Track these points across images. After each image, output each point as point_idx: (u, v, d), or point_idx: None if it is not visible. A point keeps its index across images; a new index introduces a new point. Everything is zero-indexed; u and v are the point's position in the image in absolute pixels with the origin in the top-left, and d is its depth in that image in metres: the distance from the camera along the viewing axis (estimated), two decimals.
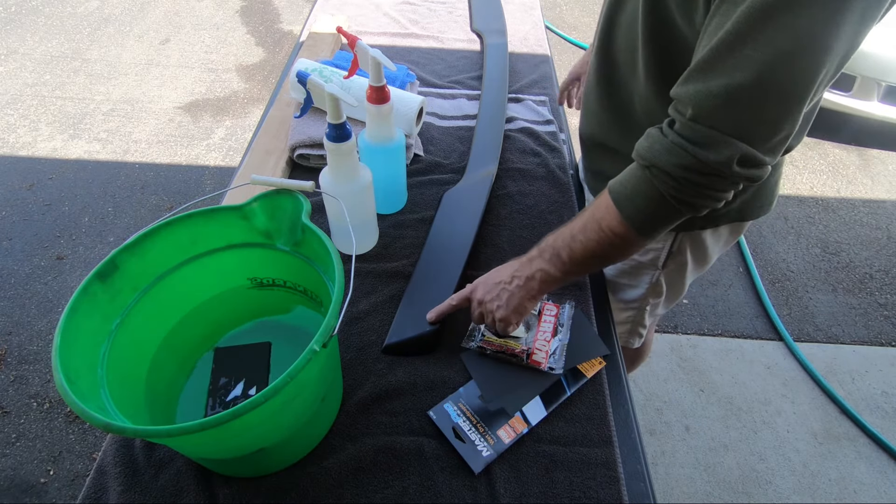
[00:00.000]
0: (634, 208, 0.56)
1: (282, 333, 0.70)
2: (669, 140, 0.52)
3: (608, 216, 0.57)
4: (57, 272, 1.79)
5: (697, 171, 0.51)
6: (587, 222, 0.60)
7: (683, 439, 1.47)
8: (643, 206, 0.55)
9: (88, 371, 0.50)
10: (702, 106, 0.49)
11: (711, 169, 0.50)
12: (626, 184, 0.57)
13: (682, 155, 0.51)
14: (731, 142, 0.49)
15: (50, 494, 1.31)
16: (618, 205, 0.57)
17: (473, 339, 0.71)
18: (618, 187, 0.57)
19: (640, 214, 0.56)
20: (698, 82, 0.49)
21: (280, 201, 0.61)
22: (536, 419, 0.64)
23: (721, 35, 0.47)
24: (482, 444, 0.61)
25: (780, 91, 0.47)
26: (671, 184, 0.52)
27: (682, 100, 0.51)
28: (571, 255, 0.61)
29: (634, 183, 0.56)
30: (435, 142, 1.03)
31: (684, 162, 0.51)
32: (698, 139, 0.50)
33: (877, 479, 1.41)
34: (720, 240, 0.82)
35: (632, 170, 0.57)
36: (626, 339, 1.01)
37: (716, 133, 0.49)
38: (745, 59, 0.46)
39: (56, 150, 2.21)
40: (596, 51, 0.74)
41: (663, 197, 0.54)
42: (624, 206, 0.56)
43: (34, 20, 2.98)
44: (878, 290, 1.88)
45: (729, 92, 0.47)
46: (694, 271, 0.87)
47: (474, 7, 1.41)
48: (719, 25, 0.47)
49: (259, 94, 2.56)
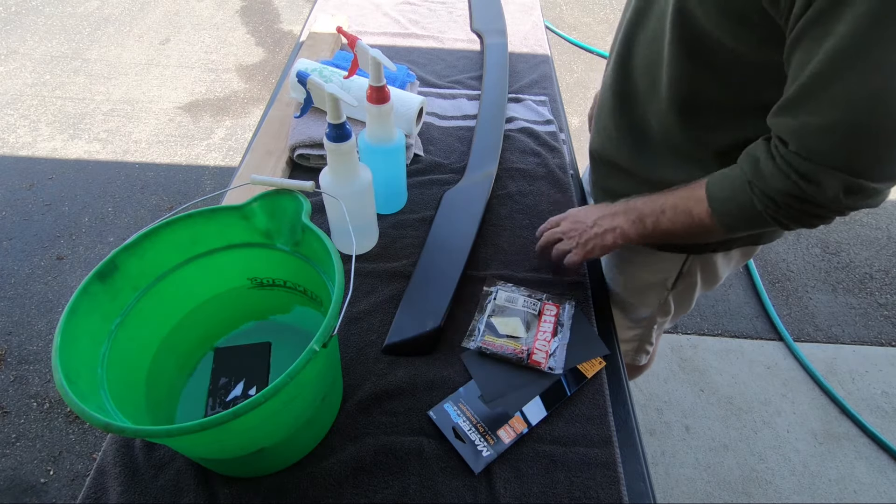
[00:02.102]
0: (727, 212, 0.57)
1: (282, 333, 0.70)
2: (777, 164, 0.52)
3: (699, 208, 0.59)
4: (57, 272, 1.79)
5: (801, 199, 0.51)
6: (678, 204, 0.62)
7: (683, 439, 1.47)
8: (736, 212, 0.57)
9: (88, 371, 0.50)
10: (803, 140, 0.49)
11: (817, 202, 0.50)
12: (724, 187, 0.57)
13: (788, 184, 0.51)
14: (839, 176, 0.48)
15: (50, 494, 1.31)
16: (711, 204, 0.58)
17: (473, 339, 0.71)
18: (716, 188, 0.58)
19: (730, 218, 0.58)
20: (796, 115, 0.49)
21: (280, 201, 0.61)
22: (536, 419, 0.64)
23: (813, 68, 0.46)
24: (482, 445, 0.61)
25: (882, 126, 0.46)
26: (770, 205, 0.53)
27: (780, 131, 0.51)
28: (655, 227, 0.64)
29: (733, 190, 0.56)
30: (435, 142, 1.03)
31: (789, 190, 0.51)
32: (805, 173, 0.50)
33: (877, 479, 1.41)
34: (731, 262, 0.82)
35: (735, 175, 0.57)
36: (633, 357, 1.01)
37: (822, 168, 0.49)
38: (842, 94, 0.45)
39: (56, 150, 2.21)
40: (613, 66, 0.73)
41: (758, 211, 0.55)
42: (717, 207, 0.58)
43: (34, 20, 2.98)
44: (878, 290, 1.88)
45: (829, 127, 0.47)
46: (703, 291, 0.87)
47: (474, 7, 1.41)
48: (807, 56, 0.47)
49: (259, 94, 2.56)
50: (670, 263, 0.80)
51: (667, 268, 0.81)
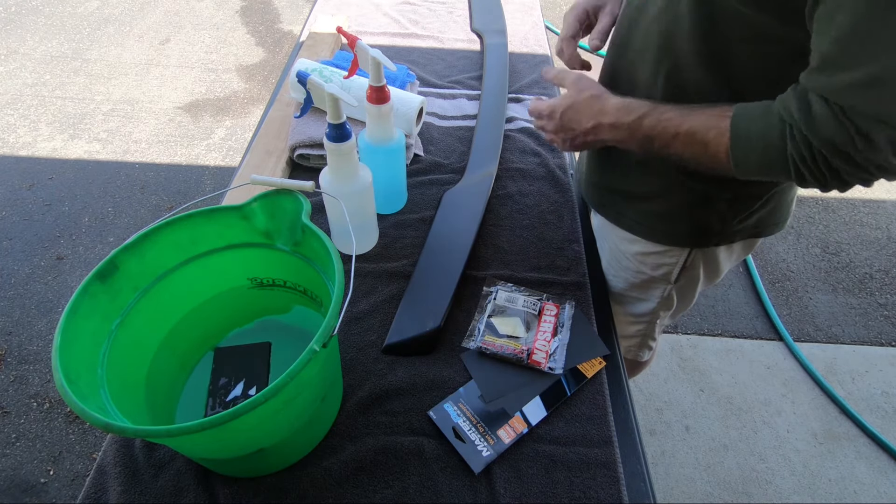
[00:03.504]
0: (748, 151, 0.53)
1: (282, 333, 0.70)
2: (834, 113, 0.47)
3: (717, 143, 0.55)
4: (57, 272, 1.79)
5: (845, 154, 0.48)
6: (694, 134, 0.57)
7: (683, 439, 1.47)
8: (759, 155, 0.53)
9: (88, 371, 0.50)
10: (852, 96, 0.47)
11: (863, 158, 0.48)
12: (754, 125, 0.53)
13: (841, 134, 0.47)
14: (890, 134, 0.46)
15: (50, 494, 1.31)
16: (734, 140, 0.54)
17: (473, 339, 0.71)
18: (744, 125, 0.53)
19: (749, 159, 0.54)
20: (830, 75, 0.47)
21: (280, 201, 0.61)
22: (536, 419, 0.64)
23: (840, 27, 0.44)
24: (482, 445, 0.61)
25: None
26: (806, 154, 0.50)
27: (814, 89, 0.49)
28: (662, 149, 0.61)
29: (765, 129, 0.52)
30: (435, 142, 1.03)
31: (839, 142, 0.48)
32: (860, 126, 0.47)
33: (877, 479, 1.41)
34: (732, 255, 0.82)
35: (766, 113, 0.53)
36: (636, 353, 1.00)
37: (876, 123, 0.46)
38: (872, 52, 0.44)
39: (56, 150, 2.21)
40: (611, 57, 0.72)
41: (785, 155, 0.51)
42: (740, 145, 0.53)
43: (34, 20, 2.98)
44: (878, 290, 1.88)
45: (872, 82, 0.45)
46: (705, 284, 0.87)
47: (474, 7, 1.41)
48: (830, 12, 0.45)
49: (259, 94, 2.56)
50: (673, 257, 0.80)
51: (670, 262, 0.81)
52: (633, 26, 0.67)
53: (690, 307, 0.98)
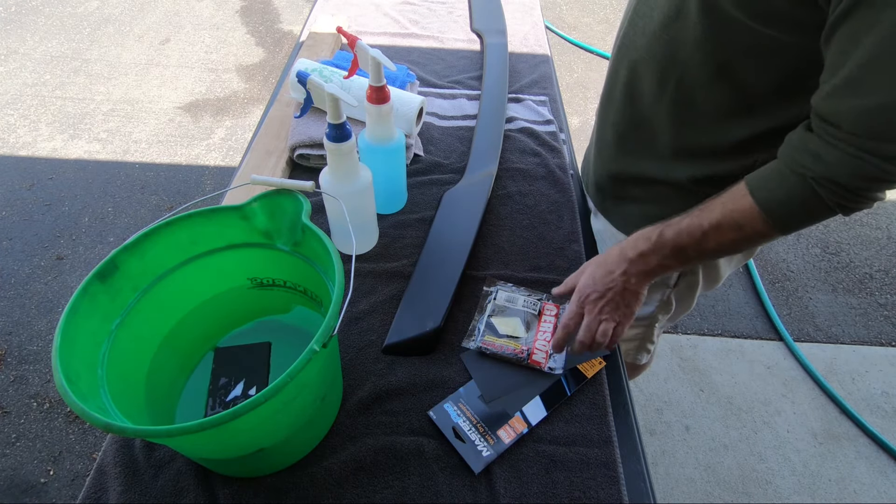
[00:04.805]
0: (786, 214, 0.54)
1: (282, 333, 0.70)
2: (844, 152, 0.49)
3: (751, 220, 0.56)
4: (57, 272, 1.79)
5: (877, 179, 0.50)
6: (720, 226, 0.58)
7: (683, 439, 1.47)
8: (798, 210, 0.54)
9: (88, 371, 0.50)
10: (860, 123, 0.48)
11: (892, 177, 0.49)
12: (776, 189, 0.54)
13: (864, 168, 0.49)
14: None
15: (50, 494, 1.31)
16: (768, 212, 0.55)
17: (473, 339, 0.71)
18: (767, 193, 0.55)
19: (791, 218, 0.55)
20: (849, 98, 0.48)
21: (280, 201, 0.61)
22: (536, 419, 0.64)
23: (869, 48, 0.45)
24: (482, 444, 0.61)
25: None
26: (841, 193, 0.51)
27: (829, 115, 0.50)
28: (699, 253, 0.60)
29: (789, 189, 0.54)
30: (435, 142, 1.03)
31: (866, 173, 0.49)
32: (875, 151, 0.48)
33: (877, 479, 1.41)
34: (732, 260, 0.82)
35: (785, 176, 0.54)
36: (634, 356, 1.00)
37: (888, 145, 0.48)
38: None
39: (56, 150, 2.21)
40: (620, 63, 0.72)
41: (824, 203, 0.52)
42: (776, 213, 0.55)
43: (34, 20, 2.98)
44: (878, 290, 1.88)
45: (891, 107, 0.46)
46: (704, 289, 0.87)
47: (474, 7, 1.41)
48: (857, 35, 0.46)
49: (259, 94, 2.56)
50: None
51: None
52: (637, 35, 0.67)
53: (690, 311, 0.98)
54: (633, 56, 0.68)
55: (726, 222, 0.57)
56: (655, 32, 0.63)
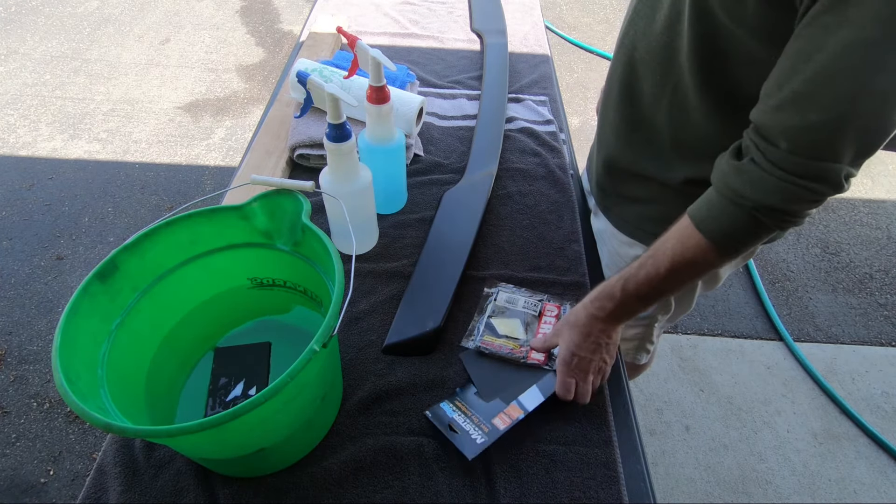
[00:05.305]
0: (732, 242, 0.56)
1: (282, 333, 0.70)
2: (775, 177, 0.50)
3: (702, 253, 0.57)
4: (57, 272, 1.79)
5: (811, 201, 0.51)
6: (675, 262, 0.58)
7: (683, 439, 1.47)
8: (742, 238, 0.55)
9: (88, 371, 0.50)
10: (800, 139, 0.48)
11: (823, 194, 0.50)
12: (719, 221, 0.55)
13: (796, 191, 0.50)
14: (839, 168, 0.49)
15: (50, 494, 1.31)
16: (715, 243, 0.56)
17: (472, 339, 0.71)
18: (713, 225, 0.56)
19: (737, 244, 0.56)
20: (792, 114, 0.48)
21: (280, 201, 0.62)
22: (533, 405, 0.63)
23: (816, 67, 0.45)
24: (476, 433, 0.61)
25: (884, 121, 0.47)
26: (779, 216, 0.52)
27: (770, 130, 0.50)
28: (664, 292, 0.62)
29: (732, 220, 0.54)
30: (435, 142, 1.03)
31: (799, 196, 0.50)
32: (808, 173, 0.49)
33: (877, 479, 1.41)
34: (731, 262, 0.82)
35: (724, 207, 0.55)
36: (633, 356, 1.00)
37: (823, 164, 0.48)
38: (846, 95, 0.45)
39: (56, 150, 2.21)
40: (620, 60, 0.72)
41: (765, 226, 0.53)
42: (722, 242, 0.56)
43: (34, 20, 2.98)
44: (878, 290, 1.88)
45: (832, 126, 0.47)
46: (703, 290, 0.87)
47: (474, 7, 1.41)
48: (807, 51, 0.46)
49: (259, 94, 2.56)
50: None
51: None
52: (638, 36, 0.67)
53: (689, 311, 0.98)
54: (634, 56, 0.68)
55: (679, 263, 0.58)
56: (656, 34, 0.63)
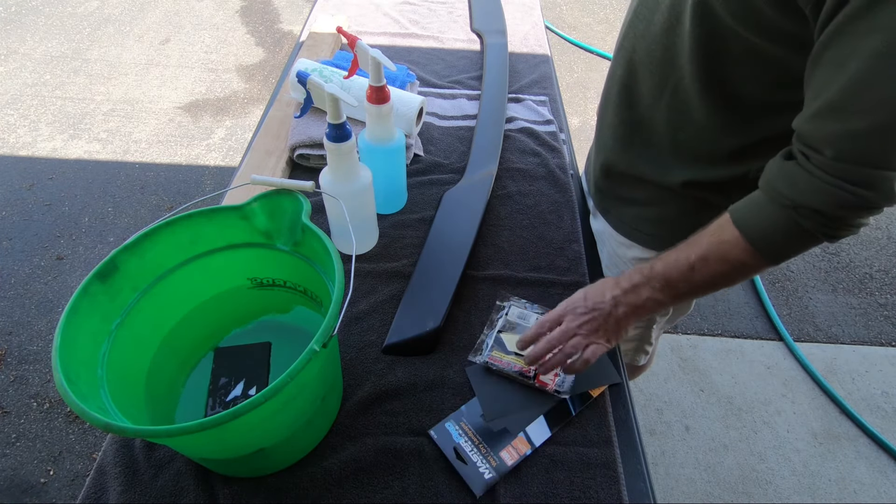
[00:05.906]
0: (770, 244, 0.54)
1: (282, 333, 0.70)
2: (820, 180, 0.49)
3: (737, 251, 0.55)
4: (57, 272, 1.79)
5: (859, 207, 0.49)
6: (708, 255, 0.57)
7: (683, 439, 1.47)
8: (782, 241, 0.54)
9: (88, 371, 0.50)
10: (844, 146, 0.48)
11: (873, 205, 0.49)
12: (759, 219, 0.54)
13: (841, 196, 0.49)
14: (887, 175, 0.48)
15: (50, 494, 1.31)
16: (752, 242, 0.54)
17: (481, 353, 0.70)
18: (751, 224, 0.54)
19: (776, 248, 0.54)
20: (832, 121, 0.48)
21: (280, 201, 0.61)
22: (540, 440, 0.62)
23: (850, 73, 0.45)
24: (484, 466, 0.60)
25: None
26: (823, 221, 0.51)
27: (812, 138, 0.50)
28: (691, 286, 0.59)
29: (772, 220, 0.53)
30: (435, 142, 1.03)
31: (844, 201, 0.49)
32: (855, 179, 0.48)
33: (877, 479, 1.41)
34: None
35: (765, 206, 0.54)
36: (632, 357, 1.00)
37: (870, 171, 0.48)
38: (884, 101, 0.44)
39: (56, 150, 2.21)
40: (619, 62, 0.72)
41: (807, 232, 0.52)
42: (761, 243, 0.54)
43: (34, 20, 2.98)
44: (878, 290, 1.88)
45: (874, 132, 0.46)
46: None
47: (474, 7, 1.41)
48: (840, 59, 0.45)
49: (259, 94, 2.56)
50: None
51: None
52: (638, 38, 0.67)
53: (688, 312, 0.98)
54: (633, 58, 0.68)
55: (712, 255, 0.57)
56: (655, 36, 0.63)
